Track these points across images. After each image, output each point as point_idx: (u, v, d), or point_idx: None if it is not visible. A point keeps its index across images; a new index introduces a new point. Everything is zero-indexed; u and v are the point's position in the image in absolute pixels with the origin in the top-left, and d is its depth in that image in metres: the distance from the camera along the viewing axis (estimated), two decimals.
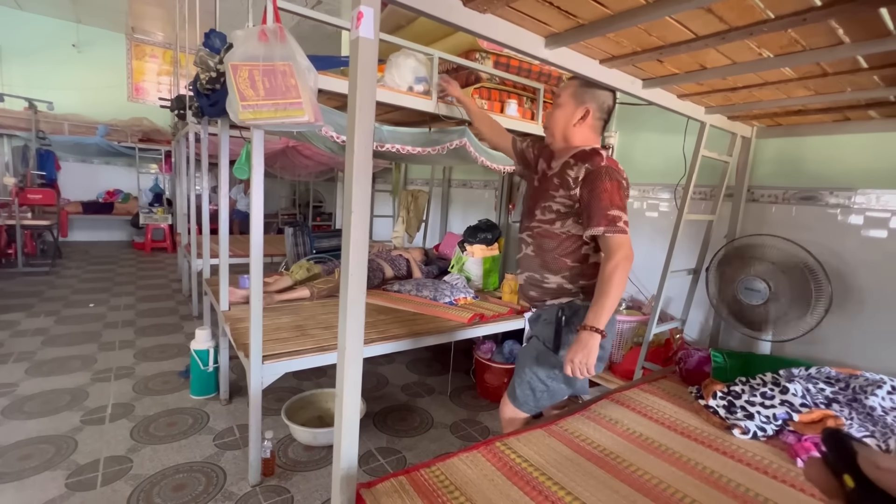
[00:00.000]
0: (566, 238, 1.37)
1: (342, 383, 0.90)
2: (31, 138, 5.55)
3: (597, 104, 1.38)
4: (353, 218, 0.85)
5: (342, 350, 0.90)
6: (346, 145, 0.85)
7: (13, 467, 1.75)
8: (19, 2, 5.91)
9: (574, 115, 1.38)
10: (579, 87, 1.39)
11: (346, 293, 0.88)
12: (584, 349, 1.20)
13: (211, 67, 1.87)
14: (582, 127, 1.39)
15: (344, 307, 0.88)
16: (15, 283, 4.34)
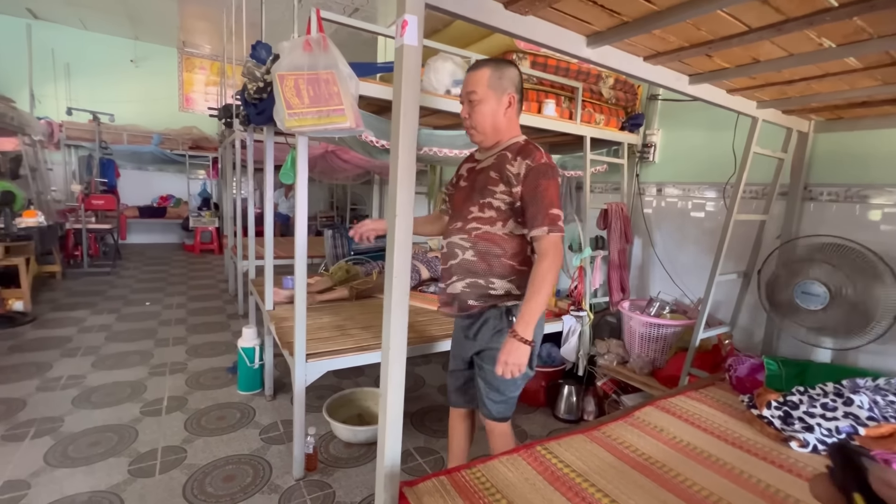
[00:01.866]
0: (510, 240, 1.32)
1: (386, 382, 0.92)
2: (95, 148, 5.99)
3: (514, 87, 1.32)
4: (396, 221, 0.87)
5: (386, 350, 0.92)
6: (391, 150, 0.87)
7: (83, 453, 1.89)
8: (85, 23, 6.39)
9: (499, 105, 1.31)
10: (492, 74, 1.29)
11: (390, 295, 0.90)
12: (517, 352, 1.18)
13: (258, 78, 1.95)
14: (509, 115, 1.34)
15: (388, 308, 0.90)
16: (81, 282, 4.69)
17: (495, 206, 1.30)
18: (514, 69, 1.33)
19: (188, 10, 5.81)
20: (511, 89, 1.31)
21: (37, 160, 5.06)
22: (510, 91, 1.31)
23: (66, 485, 1.70)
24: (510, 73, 1.32)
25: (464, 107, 1.36)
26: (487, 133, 1.35)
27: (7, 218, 3.62)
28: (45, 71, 6.20)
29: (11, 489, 1.65)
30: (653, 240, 2.61)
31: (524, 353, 1.18)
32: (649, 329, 2.19)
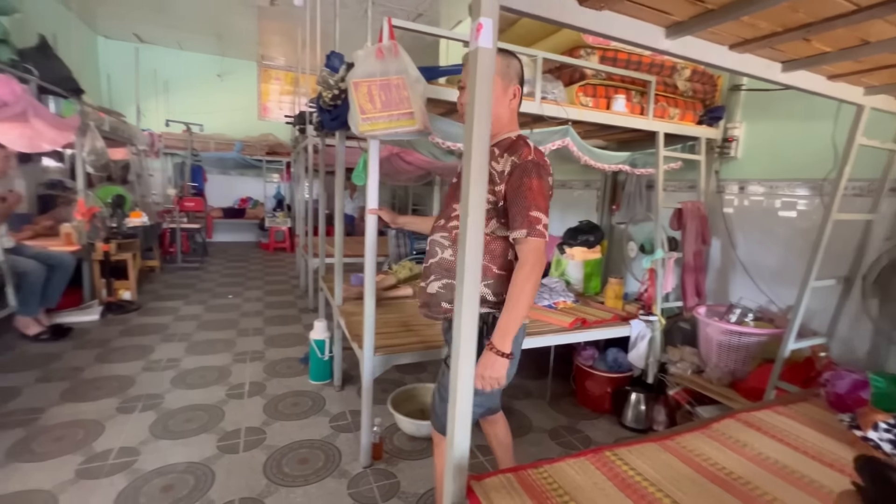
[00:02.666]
0: (491, 241, 1.22)
1: (456, 378, 0.95)
2: (187, 156, 6.66)
3: (519, 80, 1.25)
4: (469, 221, 0.89)
5: (456, 346, 0.94)
6: (465, 151, 0.90)
7: (181, 427, 2.12)
8: (181, 44, 7.12)
9: (504, 95, 1.23)
10: (501, 60, 1.19)
11: (461, 293, 0.92)
12: (493, 366, 1.12)
13: (331, 86, 2.07)
14: (513, 107, 1.26)
15: (459, 305, 0.92)
16: (175, 276, 5.23)
17: None
18: (518, 62, 1.26)
19: (267, 26, 6.27)
20: (516, 82, 1.25)
21: (141, 167, 5.72)
22: (515, 83, 1.25)
23: (167, 454, 1.91)
24: (516, 65, 1.25)
25: (463, 92, 1.26)
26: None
27: (119, 218, 4.13)
28: (148, 88, 6.99)
29: (126, 454, 1.89)
30: (734, 241, 2.42)
31: (502, 366, 1.12)
32: (729, 337, 2.04)
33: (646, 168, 2.56)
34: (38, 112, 2.90)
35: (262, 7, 5.53)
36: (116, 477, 1.75)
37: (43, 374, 2.59)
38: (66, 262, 3.24)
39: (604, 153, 2.43)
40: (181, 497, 1.67)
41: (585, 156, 2.27)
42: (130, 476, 1.76)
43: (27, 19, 4.23)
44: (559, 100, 2.01)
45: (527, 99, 1.92)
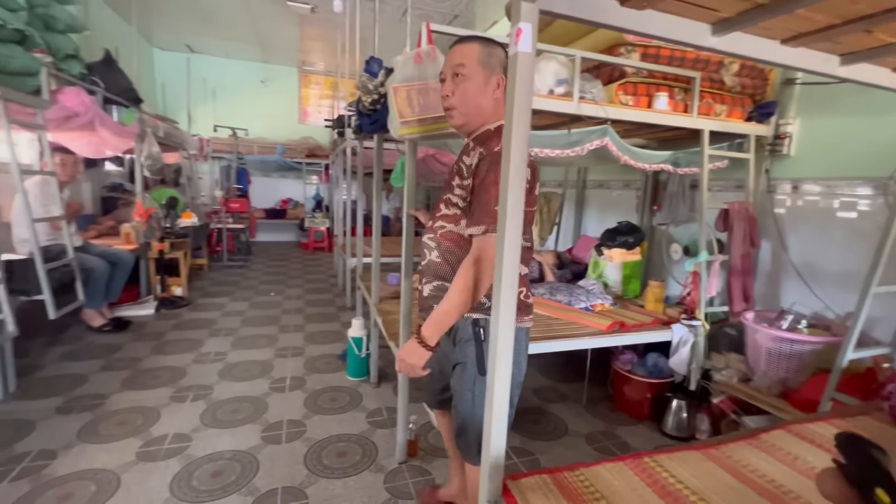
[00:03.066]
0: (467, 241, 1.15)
1: (493, 377, 0.96)
2: (233, 159, 6.99)
3: (503, 69, 1.15)
4: (507, 223, 0.90)
5: (494, 346, 0.95)
6: (503, 154, 0.91)
7: (228, 418, 2.24)
8: (228, 52, 7.48)
9: (487, 86, 1.15)
10: (482, 50, 1.14)
11: (498, 294, 0.93)
12: (412, 354, 1.11)
13: (371, 91, 2.13)
14: (497, 96, 1.17)
15: (496, 308, 0.94)
16: (222, 273, 5.51)
17: (454, 202, 1.18)
18: (502, 50, 1.17)
19: (307, 32, 6.49)
20: (500, 71, 1.17)
21: (191, 170, 6.06)
22: (499, 73, 1.17)
23: (216, 442, 2.02)
24: (499, 53, 1.18)
25: (446, 83, 1.20)
26: (470, 115, 1.18)
27: (172, 219, 4.39)
28: (198, 95, 7.39)
29: (179, 440, 2.02)
30: (785, 243, 2.30)
31: (420, 357, 1.10)
32: (780, 345, 1.94)
33: (689, 167, 2.47)
34: (103, 121, 3.13)
35: (303, 15, 5.73)
36: (171, 461, 1.88)
37: (106, 363, 2.80)
38: (127, 259, 3.48)
39: (644, 152, 2.36)
40: (229, 483, 1.77)
41: (625, 155, 2.22)
42: (184, 461, 1.88)
43: (93, 35, 4.58)
44: (598, 99, 1.97)
45: (564, 99, 1.90)
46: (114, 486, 1.71)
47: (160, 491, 1.70)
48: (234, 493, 1.71)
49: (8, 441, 1.95)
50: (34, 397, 2.34)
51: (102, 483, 1.73)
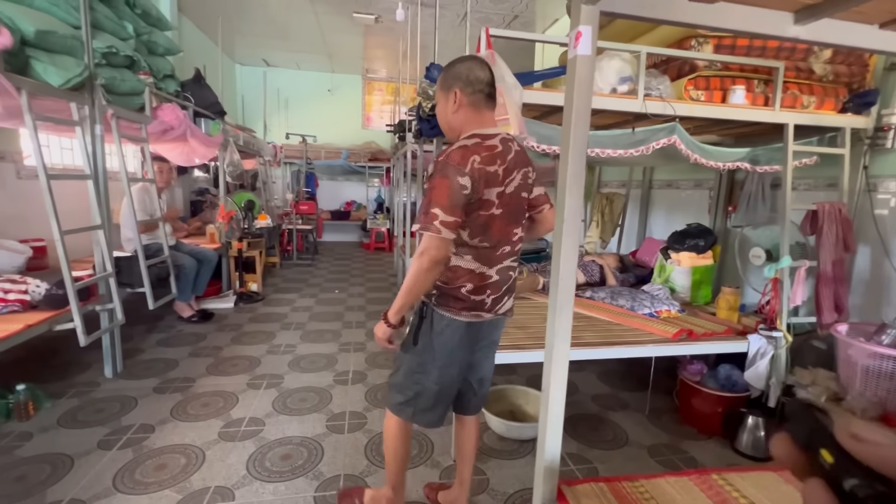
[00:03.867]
0: None
1: (549, 381, 0.96)
2: (303, 164, 7.45)
3: (461, 81, 1.29)
4: (564, 227, 0.90)
5: (550, 350, 0.95)
6: (561, 156, 0.91)
7: (297, 406, 2.40)
8: (299, 64, 8.00)
9: (447, 104, 1.32)
10: (442, 75, 1.33)
11: (555, 298, 0.93)
12: (379, 329, 1.36)
13: (431, 96, 2.19)
14: (459, 112, 1.31)
15: (553, 311, 0.94)
16: (291, 271, 5.89)
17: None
18: (460, 64, 1.31)
19: (371, 41, 6.76)
20: (456, 85, 1.29)
21: (266, 175, 6.54)
22: (455, 87, 1.29)
23: (286, 428, 2.18)
24: (454, 70, 1.31)
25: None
26: (448, 132, 1.38)
27: (250, 221, 4.78)
28: (272, 105, 7.96)
29: (254, 424, 2.21)
30: (888, 249, 2.05)
31: (383, 331, 1.35)
32: (880, 362, 1.73)
33: (770, 165, 2.27)
34: (193, 133, 3.49)
35: (367, 25, 5.98)
36: (248, 442, 2.05)
37: (193, 350, 3.11)
38: (211, 257, 3.84)
39: (717, 150, 2.21)
40: (297, 466, 1.90)
41: (695, 154, 2.09)
42: (258, 443, 2.05)
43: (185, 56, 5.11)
44: (665, 95, 1.88)
45: (628, 97, 1.84)
46: (200, 461, 1.91)
47: (238, 468, 1.87)
48: (302, 476, 1.84)
49: (116, 414, 2.24)
50: (136, 377, 2.66)
51: (190, 457, 1.93)
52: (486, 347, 1.49)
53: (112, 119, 2.49)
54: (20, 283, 2.26)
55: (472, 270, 1.30)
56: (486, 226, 1.27)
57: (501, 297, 1.37)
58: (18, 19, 1.95)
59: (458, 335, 1.35)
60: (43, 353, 2.86)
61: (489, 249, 1.30)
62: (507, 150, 1.28)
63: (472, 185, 1.19)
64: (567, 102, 0.89)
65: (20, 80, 1.91)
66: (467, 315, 1.33)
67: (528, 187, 1.38)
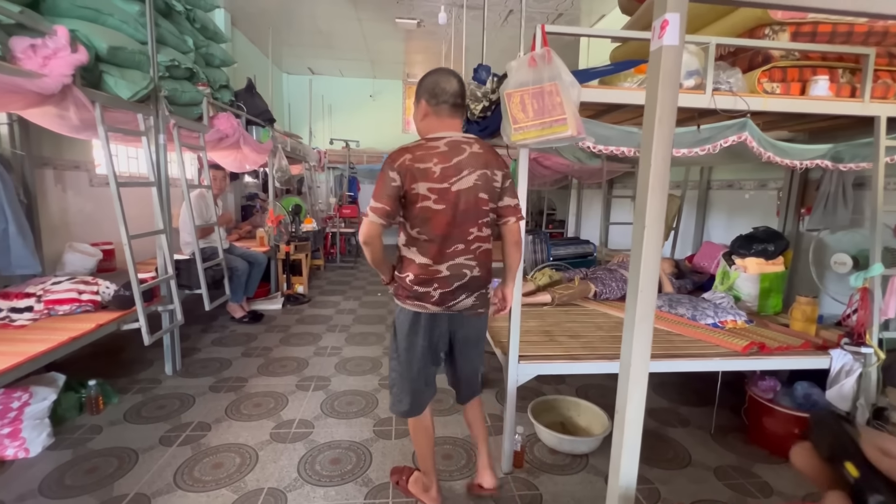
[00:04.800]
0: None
1: (625, 401, 0.88)
2: (345, 169, 7.61)
3: (427, 93, 1.44)
4: (645, 233, 0.83)
5: (626, 367, 0.88)
6: (642, 158, 0.83)
7: (344, 409, 2.41)
8: (342, 71, 8.19)
9: (417, 112, 1.50)
10: (416, 87, 1.49)
11: (633, 310, 0.86)
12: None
13: (479, 98, 2.14)
14: (427, 120, 1.47)
15: (631, 325, 0.86)
16: (335, 273, 6.01)
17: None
18: (428, 77, 1.47)
19: (412, 46, 6.81)
20: (423, 96, 1.46)
21: (311, 180, 6.73)
22: (422, 98, 1.47)
23: (334, 431, 2.19)
24: (423, 83, 1.48)
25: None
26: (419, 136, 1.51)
27: (297, 224, 4.92)
28: (317, 112, 8.20)
29: (304, 426, 2.23)
30: None
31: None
32: None
33: (855, 162, 2.06)
34: (245, 140, 3.62)
35: (409, 30, 6.03)
36: (298, 444, 2.08)
37: (245, 350, 3.21)
38: (262, 260, 3.97)
39: (793, 147, 2.03)
40: (346, 471, 1.90)
41: (769, 151, 1.93)
42: (308, 445, 2.07)
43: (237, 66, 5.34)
44: (736, 89, 1.74)
45: (695, 92, 1.71)
46: (253, 461, 1.94)
47: (289, 471, 1.89)
48: (351, 482, 1.83)
49: (176, 411, 2.33)
50: (194, 375, 2.77)
51: (245, 456, 1.97)
52: (462, 344, 1.57)
53: (174, 129, 2.61)
54: (92, 284, 2.41)
55: (416, 262, 1.44)
56: (426, 219, 1.41)
57: (454, 292, 1.45)
58: (93, 37, 2.07)
59: (407, 322, 1.49)
60: (111, 350, 3.04)
61: (432, 243, 1.42)
62: (456, 151, 1.41)
63: (399, 178, 1.38)
64: (650, 98, 0.81)
65: (94, 94, 2.03)
66: (412, 304, 1.47)
67: (491, 191, 1.45)
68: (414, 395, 1.55)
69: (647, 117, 0.82)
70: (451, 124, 1.46)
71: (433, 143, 1.42)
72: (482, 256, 1.48)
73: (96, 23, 2.19)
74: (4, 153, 2.48)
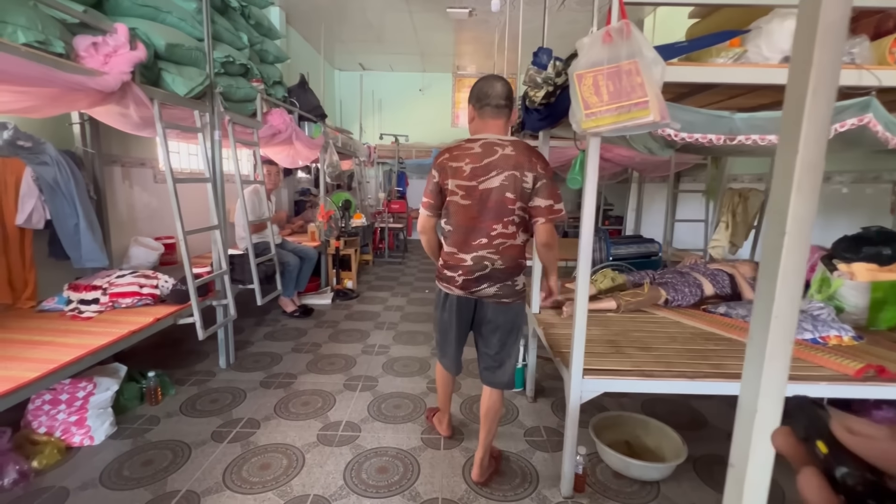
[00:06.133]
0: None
1: (745, 457, 0.69)
2: (394, 164, 7.60)
3: (474, 97, 1.61)
4: (785, 242, 0.63)
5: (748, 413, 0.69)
6: (780, 142, 0.63)
7: (391, 413, 2.33)
8: (392, 66, 8.17)
9: (468, 117, 1.66)
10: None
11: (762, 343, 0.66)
12: None
13: (539, 84, 1.95)
14: (474, 123, 1.64)
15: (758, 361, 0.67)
16: (383, 269, 6.01)
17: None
18: (475, 85, 1.62)
19: (462, 36, 6.64)
20: (471, 102, 1.64)
21: (361, 175, 6.77)
22: (470, 103, 1.64)
23: (381, 437, 2.11)
24: (471, 90, 1.63)
25: None
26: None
27: (347, 220, 4.93)
28: (368, 107, 8.24)
29: (351, 429, 2.17)
30: None
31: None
32: None
33: None
34: (298, 136, 3.63)
35: (459, 20, 5.86)
36: (344, 448, 2.01)
37: (295, 345, 3.23)
38: (312, 255, 3.99)
39: None
40: (393, 482, 1.80)
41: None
42: (354, 450, 2.00)
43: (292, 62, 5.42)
44: (860, 61, 1.44)
45: None
46: (300, 464, 1.90)
47: (335, 477, 1.82)
48: (398, 495, 1.73)
49: (228, 406, 2.35)
50: (246, 370, 2.80)
51: (291, 458, 1.93)
52: (484, 327, 1.72)
53: (228, 125, 2.63)
54: (152, 278, 2.48)
55: (446, 250, 1.67)
56: (453, 212, 1.60)
57: (477, 280, 1.62)
58: (152, 34, 2.09)
59: (439, 299, 1.75)
60: (171, 341, 3.15)
61: (457, 234, 1.61)
62: (489, 153, 1.55)
63: (438, 174, 1.61)
64: (797, 62, 0.61)
65: (153, 91, 2.04)
66: (442, 285, 1.71)
67: (520, 191, 1.54)
68: (451, 357, 1.84)
69: (793, 88, 0.62)
70: (493, 125, 1.60)
71: (470, 143, 1.58)
72: (506, 251, 1.59)
73: (155, 21, 2.21)
74: (77, 151, 2.60)
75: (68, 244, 2.39)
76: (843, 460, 0.25)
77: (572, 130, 2.61)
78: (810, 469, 0.26)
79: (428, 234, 1.71)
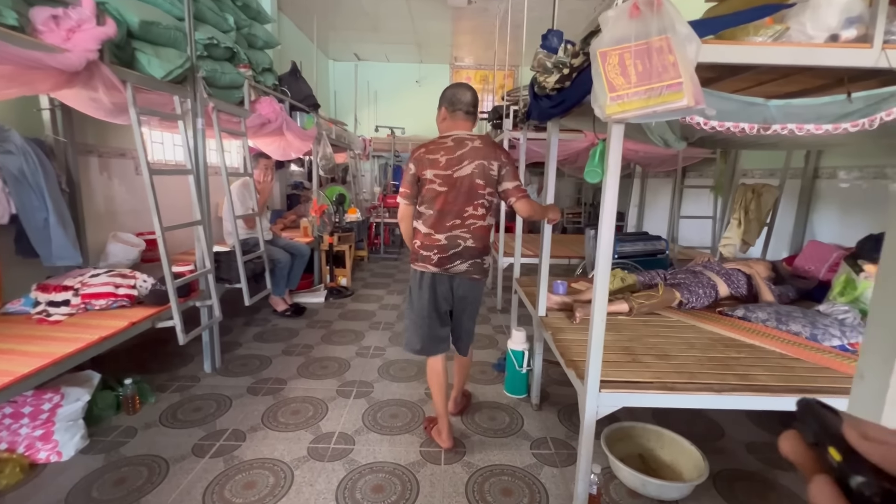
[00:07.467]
0: None
1: None
2: (391, 157, 7.40)
3: (447, 101, 1.83)
4: None
5: None
6: None
7: (387, 423, 2.17)
8: (388, 56, 7.95)
9: (438, 116, 1.87)
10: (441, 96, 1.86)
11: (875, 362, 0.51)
12: None
13: (549, 69, 1.79)
14: (446, 122, 1.84)
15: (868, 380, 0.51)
16: (379, 265, 5.84)
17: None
18: (449, 90, 1.85)
19: (460, 26, 6.43)
20: (444, 104, 1.84)
21: (356, 169, 6.57)
22: (443, 105, 1.84)
23: (377, 450, 1.95)
24: (445, 94, 1.85)
25: None
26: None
27: (341, 215, 4.75)
28: (363, 99, 8.02)
29: (344, 441, 2.01)
30: None
31: None
32: None
33: None
34: (289, 126, 3.44)
35: (457, 8, 5.66)
36: (337, 464, 1.85)
37: (286, 347, 3.06)
38: (305, 251, 3.82)
39: None
40: (391, 502, 1.65)
41: None
42: (348, 466, 1.84)
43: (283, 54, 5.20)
44: None
45: (857, 46, 1.28)
46: (288, 482, 1.74)
47: (327, 497, 1.67)
48: None
49: (212, 415, 2.19)
50: (232, 374, 2.63)
51: (279, 476, 1.77)
52: (458, 304, 1.90)
53: (213, 112, 2.44)
54: (129, 277, 2.29)
55: (422, 232, 1.81)
56: (432, 199, 1.77)
57: (450, 258, 1.80)
58: (124, 11, 1.90)
59: (415, 280, 1.87)
60: (151, 343, 2.97)
61: (432, 216, 1.78)
62: (460, 146, 1.75)
63: (415, 167, 1.78)
64: None
65: (125, 73, 1.86)
66: (418, 265, 1.85)
67: (488, 177, 1.76)
68: (424, 340, 1.90)
69: None
70: (462, 125, 1.82)
71: (443, 139, 1.79)
72: (476, 231, 1.81)
73: None
74: (46, 140, 2.40)
75: (37, 240, 2.20)
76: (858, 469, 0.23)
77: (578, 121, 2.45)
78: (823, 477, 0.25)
79: (407, 220, 1.86)
